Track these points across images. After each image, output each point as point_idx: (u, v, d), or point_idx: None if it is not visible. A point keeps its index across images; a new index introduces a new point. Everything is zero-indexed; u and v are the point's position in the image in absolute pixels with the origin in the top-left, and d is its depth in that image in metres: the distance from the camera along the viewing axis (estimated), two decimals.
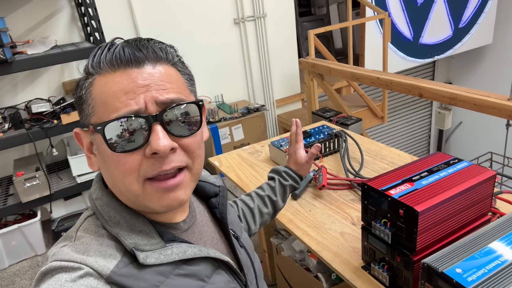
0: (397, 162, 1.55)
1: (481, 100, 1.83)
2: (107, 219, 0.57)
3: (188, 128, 0.55)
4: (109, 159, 0.54)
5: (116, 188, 0.57)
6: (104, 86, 0.53)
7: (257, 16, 3.18)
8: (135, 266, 0.53)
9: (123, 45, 0.54)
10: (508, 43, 4.63)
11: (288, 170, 1.02)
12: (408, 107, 5.38)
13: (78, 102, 0.57)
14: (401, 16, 3.94)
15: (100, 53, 0.54)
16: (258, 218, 0.97)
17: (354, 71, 2.39)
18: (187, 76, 0.60)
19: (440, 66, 5.38)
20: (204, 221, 0.68)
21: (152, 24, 2.83)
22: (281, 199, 1.01)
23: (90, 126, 0.55)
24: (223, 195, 0.73)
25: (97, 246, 0.54)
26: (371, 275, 1.03)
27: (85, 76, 0.56)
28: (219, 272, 0.61)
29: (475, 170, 0.98)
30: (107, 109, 0.52)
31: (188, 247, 0.58)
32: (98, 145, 0.55)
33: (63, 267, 0.50)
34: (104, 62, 0.53)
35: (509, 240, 0.86)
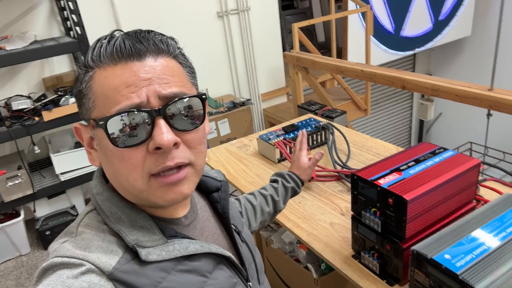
0: (383, 153, 1.57)
1: (463, 91, 1.87)
2: (108, 215, 0.56)
3: (191, 122, 0.55)
4: (112, 155, 0.53)
5: (118, 184, 0.56)
6: (105, 79, 0.52)
7: (241, 9, 3.17)
8: (137, 262, 0.53)
9: (123, 37, 0.53)
10: (487, 35, 4.74)
11: (291, 174, 1.07)
12: (390, 99, 5.46)
13: (78, 96, 0.56)
14: (383, 9, 3.98)
15: (99, 46, 0.53)
16: (259, 215, 0.98)
17: (338, 64, 2.41)
18: (189, 68, 0.59)
19: (420, 58, 5.47)
20: (205, 216, 0.68)
21: (134, 17, 2.79)
22: (282, 200, 1.03)
23: (91, 120, 0.54)
24: (225, 190, 0.72)
25: (98, 242, 0.53)
26: (361, 264, 1.05)
27: (84, 69, 0.54)
28: (220, 267, 0.62)
29: (460, 159, 1.01)
30: (109, 103, 0.51)
31: (190, 243, 0.58)
32: (99, 140, 0.54)
33: (65, 263, 0.49)
34: (105, 55, 0.52)
35: (495, 227, 0.89)
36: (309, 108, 2.53)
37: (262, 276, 0.75)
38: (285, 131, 1.61)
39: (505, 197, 1.00)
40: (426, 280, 0.86)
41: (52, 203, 2.54)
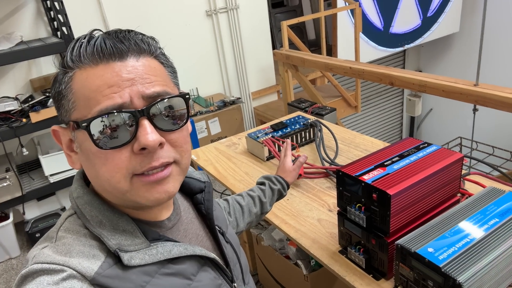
0: (371, 149, 1.58)
1: (449, 87, 1.89)
2: (89, 219, 0.55)
3: (175, 122, 0.54)
4: (95, 157, 0.51)
5: (100, 186, 0.55)
6: (86, 80, 0.51)
7: (230, 8, 3.16)
8: (120, 266, 0.52)
9: (103, 37, 0.52)
10: (474, 31, 4.78)
11: (278, 177, 1.11)
12: (380, 96, 5.49)
13: (57, 98, 0.54)
14: (372, 6, 4.00)
15: (79, 46, 0.52)
16: (247, 216, 1.00)
17: (327, 62, 2.42)
18: (170, 68, 0.58)
19: (410, 54, 5.51)
20: (189, 218, 0.67)
21: (121, 17, 2.77)
22: (269, 202, 1.06)
23: (72, 122, 0.52)
24: (208, 191, 0.72)
25: (79, 247, 0.52)
26: (348, 259, 1.06)
27: (63, 70, 0.53)
28: (205, 269, 0.61)
29: (443, 153, 1.02)
30: (90, 103, 0.50)
31: (174, 246, 0.57)
32: (80, 143, 0.53)
33: (45, 270, 0.48)
34: (85, 55, 0.51)
35: (477, 219, 0.90)
36: (299, 106, 2.54)
37: (247, 276, 0.75)
38: (274, 129, 1.62)
39: (488, 190, 1.01)
40: (410, 274, 0.87)
41: (42, 205, 2.52)
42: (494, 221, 0.89)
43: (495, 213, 0.92)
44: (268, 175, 1.12)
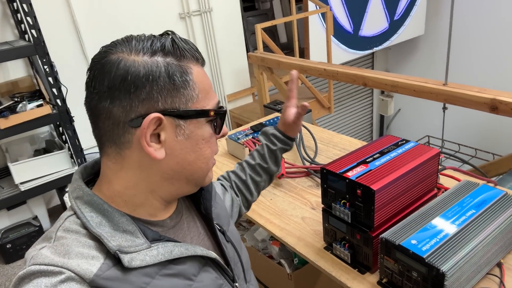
0: (348, 148, 1.63)
1: (420, 86, 1.96)
2: (88, 219, 0.54)
3: None
4: (205, 142, 0.59)
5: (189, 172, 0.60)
6: (202, 75, 0.58)
7: (203, 11, 3.16)
8: (120, 268, 0.51)
9: (181, 39, 0.58)
10: (438, 33, 4.99)
11: (276, 132, 0.95)
12: (351, 97, 5.62)
13: (180, 86, 0.55)
14: (341, 10, 4.09)
15: (171, 41, 0.56)
16: (254, 188, 0.96)
17: (302, 64, 2.46)
18: None
19: (378, 57, 5.67)
20: (190, 217, 0.67)
21: (92, 19, 2.71)
22: (273, 165, 0.97)
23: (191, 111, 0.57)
24: (208, 190, 0.72)
25: (78, 248, 0.51)
26: (334, 255, 1.08)
27: (176, 59, 0.56)
28: (206, 269, 0.61)
29: (421, 149, 1.07)
30: (208, 96, 0.58)
31: (174, 246, 0.57)
32: (192, 130, 0.57)
33: (43, 271, 0.47)
34: (188, 52, 0.57)
35: (455, 211, 0.95)
36: (275, 108, 2.57)
37: (248, 274, 0.75)
38: (254, 130, 1.63)
39: (463, 183, 1.07)
40: (395, 266, 0.90)
41: (12, 215, 2.42)
42: (471, 212, 0.94)
43: (472, 204, 0.97)
44: (266, 131, 0.98)
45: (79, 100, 2.76)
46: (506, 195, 0.99)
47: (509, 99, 1.58)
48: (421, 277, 0.84)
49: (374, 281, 0.98)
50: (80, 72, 2.78)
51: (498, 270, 0.94)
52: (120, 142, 0.55)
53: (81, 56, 2.75)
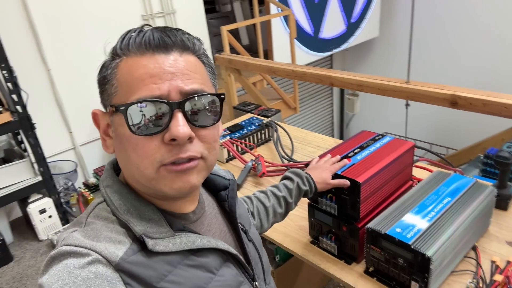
0: (322, 145, 1.68)
1: (384, 85, 2.06)
2: (117, 206, 0.56)
3: (208, 119, 0.56)
4: (128, 142, 0.53)
5: (129, 172, 0.57)
6: (131, 68, 0.53)
7: (167, 13, 3.12)
8: (144, 254, 0.53)
9: (152, 31, 0.54)
10: (392, 35, 5.24)
11: (310, 178, 1.00)
12: (313, 98, 5.77)
13: (102, 82, 0.56)
14: (302, 13, 4.20)
15: (129, 37, 0.55)
16: (272, 217, 0.96)
17: (270, 65, 2.50)
18: (210, 69, 0.61)
19: (336, 59, 5.86)
20: (213, 214, 0.68)
21: (51, 23, 2.60)
22: (294, 202, 1.00)
23: (110, 106, 0.55)
24: (232, 189, 0.72)
25: (107, 233, 0.53)
26: (320, 248, 1.12)
27: (111, 56, 0.56)
28: (227, 265, 0.62)
29: (397, 143, 1.13)
30: (131, 90, 0.53)
31: (197, 237, 0.58)
32: (116, 127, 0.55)
33: (72, 252, 0.50)
34: (133, 44, 0.54)
35: (432, 199, 1.01)
36: (245, 109, 2.58)
37: (268, 277, 0.75)
38: (231, 131, 1.64)
39: (436, 174, 1.14)
40: (381, 254, 0.95)
41: None
42: (447, 200, 1.01)
43: (447, 192, 1.04)
44: (299, 172, 1.01)
45: (40, 106, 2.69)
46: (477, 182, 1.07)
47: (467, 94, 1.70)
48: (407, 263, 0.89)
49: (361, 271, 1.02)
50: (40, 77, 2.65)
51: (474, 253, 1.01)
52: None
53: (40, 61, 2.63)
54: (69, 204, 2.71)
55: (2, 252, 2.29)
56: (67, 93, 2.79)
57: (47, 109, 2.74)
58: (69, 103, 2.81)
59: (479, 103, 1.70)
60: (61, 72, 2.71)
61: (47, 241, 2.48)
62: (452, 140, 4.41)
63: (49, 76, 2.68)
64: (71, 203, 2.72)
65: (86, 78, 2.81)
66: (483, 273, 0.94)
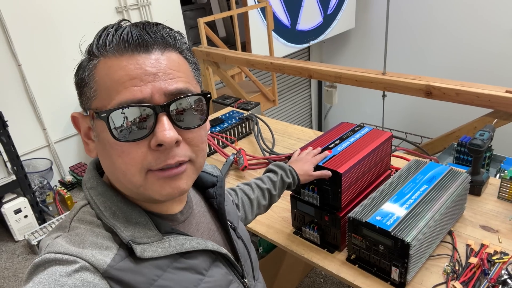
0: (302, 137, 1.70)
1: (361, 76, 2.10)
2: (102, 210, 0.54)
3: (194, 120, 0.53)
4: (111, 148, 0.51)
5: (114, 177, 0.54)
6: (109, 69, 0.50)
7: (141, 5, 3.05)
8: (132, 259, 0.51)
9: (131, 28, 0.51)
10: (368, 27, 5.31)
11: (293, 170, 1.01)
12: (291, 90, 5.79)
13: (80, 84, 0.53)
14: (279, 4, 4.19)
15: (106, 35, 0.51)
16: (256, 209, 0.96)
17: (249, 58, 2.49)
18: (194, 65, 0.57)
19: (313, 50, 5.90)
20: (200, 212, 0.66)
21: (21, 16, 2.50)
22: (278, 194, 1.01)
23: (91, 111, 0.51)
24: (221, 186, 0.71)
25: (92, 238, 0.51)
26: (303, 238, 1.13)
27: (88, 57, 0.52)
28: (217, 265, 0.61)
29: (376, 133, 1.15)
30: (111, 94, 0.49)
31: (186, 239, 0.57)
32: (98, 132, 0.52)
33: (58, 260, 0.48)
34: (111, 44, 0.50)
35: (410, 188, 1.04)
36: (224, 102, 2.57)
37: (257, 272, 0.75)
38: (211, 124, 1.63)
39: (413, 162, 1.17)
40: (362, 242, 0.97)
41: None
42: (424, 187, 1.04)
43: (423, 180, 1.07)
44: (282, 165, 1.02)
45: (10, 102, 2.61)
46: (452, 170, 1.11)
47: (441, 85, 1.75)
48: (387, 249, 0.92)
49: (343, 258, 1.04)
50: (10, 73, 2.56)
51: (450, 237, 1.05)
52: None
53: (10, 57, 2.53)
54: (45, 203, 2.64)
55: None
56: (39, 89, 2.70)
57: (19, 106, 2.65)
58: (42, 99, 2.73)
59: (452, 92, 1.76)
60: (32, 67, 2.62)
61: (24, 242, 2.42)
62: (427, 129, 4.53)
63: (20, 71, 2.59)
64: (47, 202, 2.65)
65: (59, 74, 2.73)
66: (459, 256, 0.98)
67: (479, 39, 4.42)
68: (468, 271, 0.92)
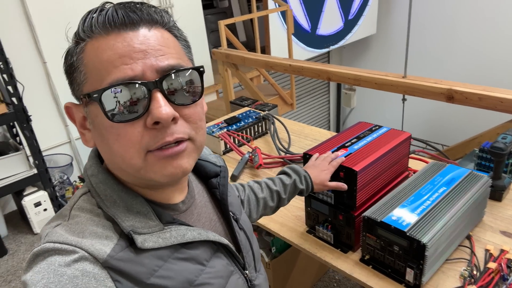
0: (319, 138, 1.68)
1: (381, 79, 2.07)
2: (103, 198, 0.53)
3: (190, 96, 0.52)
4: (107, 132, 0.49)
5: (114, 164, 0.53)
6: (97, 50, 0.49)
7: (165, 6, 3.11)
8: (133, 249, 0.51)
9: (115, 7, 0.50)
10: (389, 32, 5.25)
11: (308, 177, 0.98)
12: (309, 94, 5.78)
13: (69, 71, 0.52)
14: (300, 8, 4.20)
15: (90, 17, 0.50)
16: (262, 209, 0.94)
17: (267, 60, 2.50)
18: (184, 42, 0.56)
19: (333, 55, 5.87)
20: (202, 202, 0.66)
21: (47, 12, 2.58)
22: (287, 198, 0.98)
23: (83, 96, 0.50)
24: (224, 176, 0.69)
25: (92, 227, 0.50)
26: (316, 237, 1.12)
27: (75, 41, 0.51)
28: (218, 256, 0.61)
29: (394, 133, 1.13)
30: (101, 75, 0.48)
31: (187, 230, 0.56)
32: (93, 118, 0.51)
33: (57, 249, 0.47)
34: (96, 25, 0.49)
35: (428, 189, 1.02)
36: (242, 104, 2.58)
37: (258, 264, 0.74)
38: (228, 123, 1.64)
39: (432, 164, 1.15)
40: (377, 242, 0.95)
41: None
42: (442, 189, 1.01)
43: (442, 182, 1.04)
44: (297, 169, 0.99)
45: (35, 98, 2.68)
46: (472, 173, 1.08)
47: (463, 89, 1.71)
48: (402, 250, 0.90)
49: (357, 259, 1.03)
50: (36, 70, 2.64)
51: (468, 242, 1.02)
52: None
53: (36, 53, 2.62)
54: (64, 198, 2.70)
55: None
56: (63, 87, 2.77)
57: (43, 102, 2.73)
58: (65, 96, 2.80)
59: (475, 97, 1.71)
60: (57, 65, 2.70)
61: None
62: (447, 135, 4.44)
63: (45, 68, 2.66)
64: (66, 197, 2.71)
65: None
66: (477, 261, 0.95)
67: (501, 45, 4.31)
68: (486, 276, 0.89)
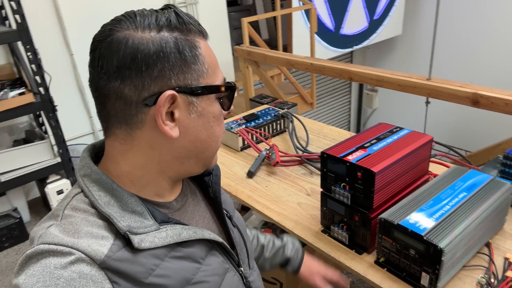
0: (338, 139, 1.67)
1: (404, 81, 2.03)
2: (97, 198, 0.53)
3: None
4: (216, 119, 0.58)
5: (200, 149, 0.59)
6: (207, 48, 0.56)
7: (189, 3, 3.14)
8: (129, 249, 0.51)
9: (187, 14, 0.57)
10: (415, 34, 5.15)
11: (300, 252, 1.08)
12: (330, 94, 5.73)
13: (190, 61, 0.54)
14: (324, 7, 4.16)
15: (175, 15, 0.55)
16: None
17: (289, 58, 2.49)
18: None
19: (356, 56, 5.80)
20: (195, 200, 0.67)
21: (75, 5, 2.65)
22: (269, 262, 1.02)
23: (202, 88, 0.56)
24: (216, 174, 0.71)
25: (87, 227, 0.50)
26: (331, 237, 1.11)
27: (180, 34, 0.54)
28: (213, 253, 0.61)
29: (415, 136, 1.12)
30: (216, 71, 0.57)
31: (183, 229, 0.57)
32: (204, 107, 0.57)
33: (52, 251, 0.46)
34: (190, 25, 0.55)
35: (448, 194, 1.00)
36: (261, 101, 2.58)
37: (252, 261, 0.75)
38: (246, 120, 1.64)
39: (453, 169, 1.12)
40: (393, 245, 0.94)
41: None
42: (463, 194, 0.99)
43: (463, 188, 1.02)
44: (297, 246, 1.07)
45: (61, 88, 2.75)
46: (494, 179, 1.05)
47: (489, 94, 1.66)
48: (418, 254, 0.89)
49: (371, 261, 1.02)
50: (63, 61, 2.71)
51: (487, 249, 0.99)
52: (132, 122, 0.53)
53: (64, 45, 2.69)
54: None
55: (19, 230, 2.36)
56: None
57: (69, 93, 2.80)
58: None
59: (501, 102, 1.67)
60: (84, 57, 2.77)
61: None
62: (471, 140, 4.32)
63: (72, 60, 2.73)
64: None
65: None
66: (496, 269, 0.93)
67: None
68: (504, 284, 0.87)
